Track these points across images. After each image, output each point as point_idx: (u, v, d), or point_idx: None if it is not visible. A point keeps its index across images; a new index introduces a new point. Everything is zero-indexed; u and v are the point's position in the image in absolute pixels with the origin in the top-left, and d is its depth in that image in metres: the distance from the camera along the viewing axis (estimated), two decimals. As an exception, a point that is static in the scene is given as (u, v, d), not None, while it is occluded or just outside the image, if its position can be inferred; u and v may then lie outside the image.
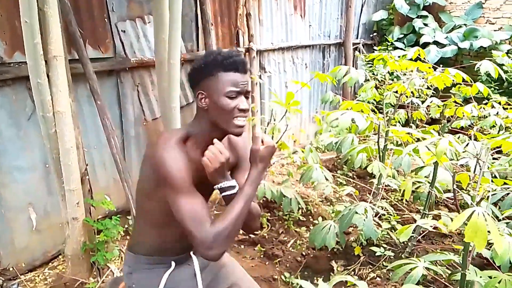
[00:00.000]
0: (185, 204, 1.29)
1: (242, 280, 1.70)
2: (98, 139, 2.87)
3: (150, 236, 1.49)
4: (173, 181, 1.28)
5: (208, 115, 1.37)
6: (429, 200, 2.25)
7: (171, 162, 1.29)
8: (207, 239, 1.25)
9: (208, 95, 1.34)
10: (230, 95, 1.33)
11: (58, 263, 2.58)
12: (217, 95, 1.33)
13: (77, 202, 2.30)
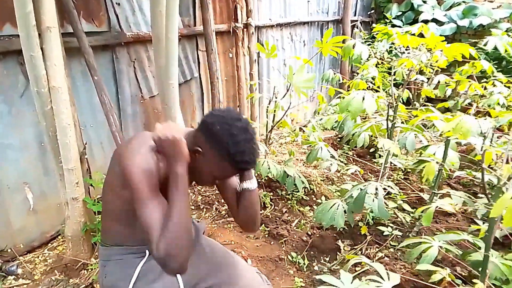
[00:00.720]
0: (148, 214, 1.26)
1: (221, 266, 1.69)
2: (94, 117, 2.77)
3: (119, 229, 1.45)
4: (139, 188, 1.25)
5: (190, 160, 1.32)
6: (438, 179, 2.21)
7: (140, 168, 1.25)
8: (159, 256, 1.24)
9: (203, 158, 1.30)
10: (218, 178, 1.38)
11: (58, 243, 2.51)
12: (209, 170, 1.33)
13: (77, 182, 2.21)
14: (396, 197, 2.61)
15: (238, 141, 1.24)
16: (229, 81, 3.89)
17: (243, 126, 1.27)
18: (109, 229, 1.51)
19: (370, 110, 2.00)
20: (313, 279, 2.12)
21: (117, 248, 1.50)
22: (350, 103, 1.97)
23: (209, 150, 1.27)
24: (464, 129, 1.36)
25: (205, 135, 1.28)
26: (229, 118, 1.28)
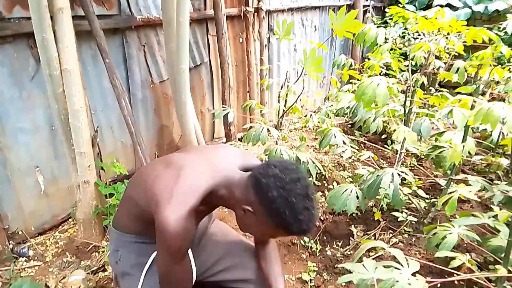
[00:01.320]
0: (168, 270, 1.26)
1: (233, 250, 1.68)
2: (105, 102, 2.75)
3: (135, 225, 1.44)
4: (171, 253, 1.21)
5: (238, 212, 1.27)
6: (456, 165, 2.17)
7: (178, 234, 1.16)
8: None
9: (254, 218, 1.20)
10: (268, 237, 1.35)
11: (68, 226, 2.51)
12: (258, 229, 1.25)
13: (88, 165, 2.20)
14: (411, 183, 2.57)
15: (297, 211, 1.12)
16: (239, 67, 3.85)
17: (303, 190, 1.14)
18: (125, 220, 1.50)
19: (383, 100, 1.94)
20: (326, 264, 2.10)
21: (131, 235, 1.49)
22: (365, 92, 1.91)
23: (261, 214, 1.17)
24: (492, 118, 1.31)
25: (259, 197, 1.16)
26: (287, 180, 1.14)
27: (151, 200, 1.26)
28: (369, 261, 1.26)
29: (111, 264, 1.61)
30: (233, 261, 1.68)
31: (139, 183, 1.42)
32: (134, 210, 1.40)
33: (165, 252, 1.22)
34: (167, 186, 1.23)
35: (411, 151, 2.72)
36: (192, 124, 2.99)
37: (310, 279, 1.97)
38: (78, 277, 1.98)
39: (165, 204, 1.18)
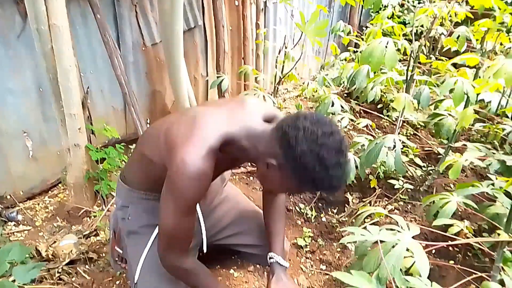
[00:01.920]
0: (175, 223, 1.16)
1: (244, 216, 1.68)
2: (95, 64, 2.63)
3: (148, 181, 1.36)
4: (180, 200, 1.12)
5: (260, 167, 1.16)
6: (456, 133, 2.14)
7: (194, 180, 1.08)
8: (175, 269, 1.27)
9: (278, 173, 1.10)
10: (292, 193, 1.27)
11: (59, 191, 2.46)
12: (282, 184, 1.13)
13: (79, 128, 2.12)
14: (408, 151, 2.55)
15: (328, 166, 1.01)
16: (234, 32, 3.72)
17: (336, 144, 1.03)
18: (136, 177, 1.43)
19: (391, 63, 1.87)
20: (321, 230, 2.10)
21: (142, 192, 1.43)
22: (372, 53, 1.83)
23: (287, 169, 1.06)
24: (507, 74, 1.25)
25: (285, 151, 1.05)
26: (318, 133, 1.02)
27: (164, 149, 1.17)
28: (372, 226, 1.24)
29: (115, 225, 1.56)
30: (242, 227, 1.67)
31: (151, 137, 1.33)
32: (147, 167, 1.33)
33: (175, 200, 1.12)
34: (182, 131, 1.15)
35: (408, 119, 2.69)
36: (186, 89, 2.90)
37: (305, 245, 1.96)
38: (69, 241, 1.94)
39: (180, 148, 1.09)
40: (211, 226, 1.59)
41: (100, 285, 1.71)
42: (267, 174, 1.14)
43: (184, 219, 1.16)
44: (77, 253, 1.87)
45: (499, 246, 1.32)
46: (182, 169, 1.06)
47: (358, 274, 0.90)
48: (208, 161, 1.09)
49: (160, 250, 1.24)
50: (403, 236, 1.28)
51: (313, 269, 1.80)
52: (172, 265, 1.26)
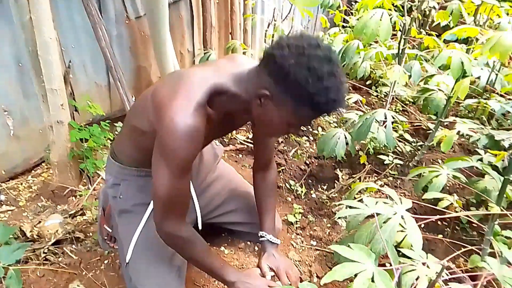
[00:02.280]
0: (170, 187, 1.11)
1: (237, 194, 1.66)
2: (77, 38, 2.51)
3: (139, 156, 1.31)
4: (173, 161, 1.07)
5: (257, 110, 1.08)
6: (446, 108, 2.13)
7: (185, 136, 1.02)
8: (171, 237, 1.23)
9: (271, 103, 1.03)
10: (292, 126, 1.07)
11: (42, 170, 2.38)
12: (280, 117, 1.04)
13: (61, 104, 2.03)
14: (398, 127, 2.54)
15: (322, 77, 0.95)
16: (220, 5, 3.60)
17: (325, 54, 0.97)
18: (130, 152, 1.37)
19: (385, 35, 1.82)
20: (311, 206, 2.09)
21: (134, 169, 1.38)
22: (367, 25, 1.78)
23: (280, 94, 1.01)
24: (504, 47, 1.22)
25: (274, 74, 1.00)
26: (304, 46, 0.97)
27: (153, 113, 1.12)
28: (369, 198, 1.22)
29: (105, 203, 1.52)
30: (235, 205, 1.66)
31: (139, 107, 1.29)
32: (138, 140, 1.28)
33: (168, 162, 1.08)
34: (168, 91, 1.09)
35: (397, 95, 2.68)
36: (172, 64, 2.81)
37: (295, 221, 1.95)
38: (54, 221, 1.89)
39: (167, 107, 1.04)
40: (204, 205, 1.57)
41: (87, 265, 1.68)
42: (263, 112, 1.07)
43: (178, 181, 1.11)
44: (63, 233, 1.83)
45: (490, 219, 1.33)
46: (172, 128, 1.02)
47: (357, 248, 0.88)
48: (198, 117, 1.05)
49: (157, 217, 1.20)
50: (397, 209, 1.27)
51: (303, 245, 1.80)
52: (169, 233, 1.22)
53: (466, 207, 2.06)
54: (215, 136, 1.36)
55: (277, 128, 1.10)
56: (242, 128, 2.76)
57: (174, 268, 1.37)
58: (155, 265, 1.34)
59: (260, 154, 1.56)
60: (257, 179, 1.59)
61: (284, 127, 1.08)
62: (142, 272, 1.33)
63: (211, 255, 1.33)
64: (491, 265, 0.96)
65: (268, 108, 1.05)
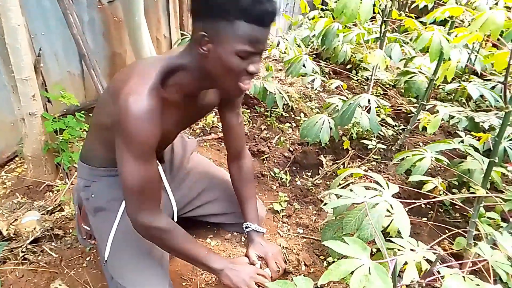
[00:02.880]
0: (136, 174, 1.09)
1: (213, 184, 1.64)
2: (46, 24, 2.38)
3: (108, 155, 1.24)
4: (133, 145, 1.05)
5: (206, 64, 1.05)
6: (428, 91, 2.13)
7: (140, 117, 1.02)
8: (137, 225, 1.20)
9: (213, 42, 1.00)
10: (242, 54, 1.00)
11: (16, 165, 2.28)
12: (225, 50, 0.99)
13: (33, 95, 1.93)
14: (380, 111, 2.54)
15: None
16: (197, -12, 3.49)
17: None
18: (97, 152, 1.34)
19: (365, 15, 1.79)
20: (296, 194, 2.08)
21: (103, 169, 1.35)
22: (347, 5, 1.75)
23: (212, 25, 0.99)
24: (494, 26, 1.21)
25: (199, 11, 1.03)
26: None
27: (111, 103, 1.11)
28: (358, 187, 1.21)
29: (80, 201, 1.47)
30: (213, 195, 1.63)
31: (101, 100, 1.27)
32: (102, 136, 1.25)
33: (129, 147, 1.07)
34: (123, 78, 1.11)
35: (378, 78, 2.67)
36: (148, 50, 2.71)
37: (281, 209, 1.94)
38: (32, 218, 1.81)
39: (121, 90, 1.05)
40: (180, 197, 1.54)
41: (69, 263, 1.62)
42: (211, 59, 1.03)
43: (143, 167, 1.10)
44: (42, 230, 1.75)
45: (475, 202, 1.34)
46: (127, 112, 1.01)
47: (351, 241, 0.86)
48: (152, 98, 1.05)
49: (129, 210, 1.17)
50: (384, 195, 1.26)
51: (290, 233, 1.78)
52: (144, 225, 1.19)
53: (448, 189, 2.09)
54: (182, 122, 1.29)
55: (230, 67, 1.03)
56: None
57: (156, 260, 1.33)
58: (135, 259, 1.30)
59: (231, 143, 1.52)
60: (233, 169, 1.56)
61: (236, 61, 1.01)
62: (122, 267, 1.29)
63: (193, 244, 1.30)
64: (483, 250, 0.97)
65: (212, 50, 1.02)
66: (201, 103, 1.30)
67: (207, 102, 1.33)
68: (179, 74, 1.12)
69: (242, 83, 1.06)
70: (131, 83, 1.05)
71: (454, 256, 1.58)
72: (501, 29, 1.18)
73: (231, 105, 1.44)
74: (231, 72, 1.03)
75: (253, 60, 1.04)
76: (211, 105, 1.37)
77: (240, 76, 1.05)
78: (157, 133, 1.09)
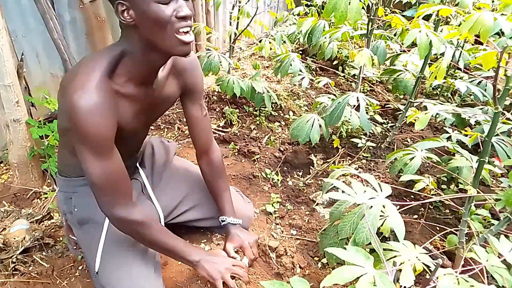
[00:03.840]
0: (102, 168, 1.09)
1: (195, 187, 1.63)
2: (26, 24, 2.31)
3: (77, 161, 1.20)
4: (89, 137, 1.03)
5: (138, 33, 1.03)
6: (416, 89, 2.16)
7: (89, 112, 1.00)
8: (114, 221, 1.21)
9: (131, 5, 0.97)
10: (161, 0, 0.96)
11: (1, 172, 2.22)
12: (144, 4, 0.96)
13: (17, 101, 1.88)
14: (369, 109, 2.56)
15: None
16: (181, -14, 3.43)
17: None
18: (70, 161, 1.31)
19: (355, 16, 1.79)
20: (288, 194, 2.08)
21: (81, 179, 1.33)
22: (336, 6, 1.74)
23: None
24: (484, 27, 1.22)
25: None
26: None
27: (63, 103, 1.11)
28: (358, 183, 1.22)
29: (64, 215, 1.46)
30: (196, 199, 1.63)
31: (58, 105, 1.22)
32: (67, 142, 1.23)
33: (85, 143, 1.05)
34: (70, 74, 1.11)
35: (365, 76, 2.69)
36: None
37: (274, 211, 1.94)
38: (20, 227, 1.77)
39: (67, 88, 1.03)
40: (166, 203, 1.54)
41: (61, 273, 1.59)
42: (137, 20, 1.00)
43: (104, 162, 1.09)
44: (31, 239, 1.71)
45: (466, 201, 1.36)
46: (75, 109, 1.00)
47: (353, 250, 0.86)
48: (98, 91, 1.02)
49: (102, 207, 1.17)
50: (378, 197, 1.28)
51: (284, 235, 1.79)
52: (120, 219, 1.19)
53: (437, 185, 2.12)
54: (142, 114, 1.24)
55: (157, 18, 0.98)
56: (212, 116, 2.69)
57: (149, 268, 1.33)
58: (127, 268, 1.29)
59: (198, 138, 1.49)
60: (203, 165, 1.55)
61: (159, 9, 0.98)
62: (114, 278, 1.28)
63: (171, 236, 1.30)
64: (479, 255, 0.98)
65: (134, 14, 1.00)
66: (160, 94, 1.27)
67: (167, 93, 1.30)
68: (124, 61, 1.09)
69: (179, 34, 1.02)
70: (76, 80, 1.03)
71: (446, 254, 1.61)
72: (490, 30, 1.20)
73: (193, 96, 1.41)
74: (161, 23, 0.99)
75: (177, 3, 1.00)
76: (171, 96, 1.34)
77: (173, 26, 1.00)
78: (110, 126, 1.07)
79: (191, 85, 1.37)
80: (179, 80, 1.33)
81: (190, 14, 1.01)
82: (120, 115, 1.12)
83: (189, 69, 1.33)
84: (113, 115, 1.07)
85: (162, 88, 1.27)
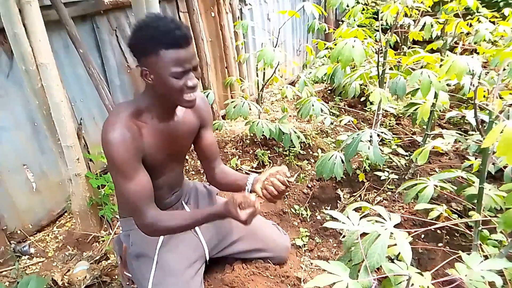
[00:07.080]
0: (127, 187, 1.34)
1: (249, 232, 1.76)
2: (83, 91, 2.73)
3: None
4: (116, 163, 1.30)
5: (156, 89, 1.34)
6: (430, 120, 2.27)
7: (115, 143, 1.28)
8: (146, 228, 1.40)
9: (152, 72, 1.28)
10: (175, 75, 1.26)
11: (65, 220, 2.56)
12: (161, 75, 1.27)
13: (77, 158, 2.23)
14: (391, 142, 2.68)
15: (148, 23, 1.24)
16: (214, 42, 3.82)
17: (151, 15, 1.28)
18: (121, 203, 1.62)
19: (359, 59, 2.00)
20: (317, 228, 2.22)
21: None
22: (341, 52, 1.97)
23: (144, 59, 1.27)
24: (458, 70, 1.39)
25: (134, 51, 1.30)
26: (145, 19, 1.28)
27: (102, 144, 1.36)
28: (354, 213, 1.36)
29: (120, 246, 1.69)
30: (239, 233, 1.78)
31: None
32: None
33: (113, 168, 1.32)
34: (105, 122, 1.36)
35: (388, 111, 2.82)
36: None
37: (303, 244, 2.08)
38: (82, 267, 2.05)
39: (103, 129, 1.31)
40: (209, 240, 1.71)
41: (117, 306, 1.82)
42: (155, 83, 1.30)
43: (130, 182, 1.33)
44: (91, 278, 1.99)
45: (474, 226, 1.45)
46: (106, 142, 1.28)
47: (335, 264, 1.06)
48: (124, 126, 1.30)
49: (136, 220, 1.40)
50: (385, 225, 1.40)
51: (312, 266, 1.92)
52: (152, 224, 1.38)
53: (463, 213, 2.17)
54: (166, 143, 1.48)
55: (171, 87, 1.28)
56: (246, 158, 2.93)
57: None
58: None
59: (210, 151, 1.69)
60: (216, 175, 1.70)
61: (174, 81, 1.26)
62: None
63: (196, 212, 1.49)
64: (459, 270, 1.10)
65: (154, 78, 1.28)
66: (181, 127, 1.52)
67: (187, 125, 1.55)
68: (147, 105, 1.39)
69: (186, 97, 1.31)
70: (108, 120, 1.32)
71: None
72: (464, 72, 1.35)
73: (207, 124, 1.66)
74: (174, 90, 1.29)
75: (188, 77, 1.29)
76: (191, 127, 1.58)
77: (183, 91, 1.30)
78: (134, 153, 1.32)
79: (205, 116, 1.64)
80: (196, 114, 1.60)
81: (196, 84, 1.32)
82: (146, 144, 1.39)
83: (203, 105, 1.61)
84: (137, 144, 1.34)
85: (182, 122, 1.53)
